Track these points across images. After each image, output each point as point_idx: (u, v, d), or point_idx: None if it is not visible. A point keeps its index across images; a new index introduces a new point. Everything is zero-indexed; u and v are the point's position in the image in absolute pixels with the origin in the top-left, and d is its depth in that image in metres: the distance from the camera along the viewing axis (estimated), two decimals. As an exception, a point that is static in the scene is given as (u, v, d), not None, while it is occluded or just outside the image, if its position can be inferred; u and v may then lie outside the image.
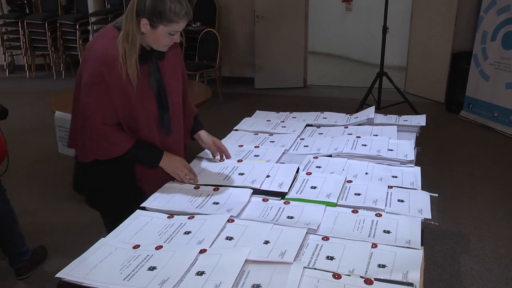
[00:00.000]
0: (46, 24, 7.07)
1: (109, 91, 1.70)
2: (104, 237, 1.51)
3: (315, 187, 1.78)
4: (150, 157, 1.84)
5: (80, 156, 1.84)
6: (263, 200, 1.71)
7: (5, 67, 7.58)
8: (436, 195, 1.70)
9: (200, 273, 1.27)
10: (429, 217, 1.55)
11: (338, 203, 1.66)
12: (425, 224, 1.53)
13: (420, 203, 1.64)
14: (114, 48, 1.68)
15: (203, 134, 2.07)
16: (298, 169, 1.92)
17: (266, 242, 1.41)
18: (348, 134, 2.33)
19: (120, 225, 1.58)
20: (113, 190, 1.91)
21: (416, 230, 1.47)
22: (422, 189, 1.76)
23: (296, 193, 1.75)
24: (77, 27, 6.97)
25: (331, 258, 1.33)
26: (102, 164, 1.81)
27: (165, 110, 1.85)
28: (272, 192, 1.75)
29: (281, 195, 1.73)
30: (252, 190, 1.75)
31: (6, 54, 7.53)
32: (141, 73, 1.73)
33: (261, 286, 1.21)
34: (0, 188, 2.58)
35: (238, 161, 2.04)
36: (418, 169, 1.94)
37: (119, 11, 6.96)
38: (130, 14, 1.66)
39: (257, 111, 2.76)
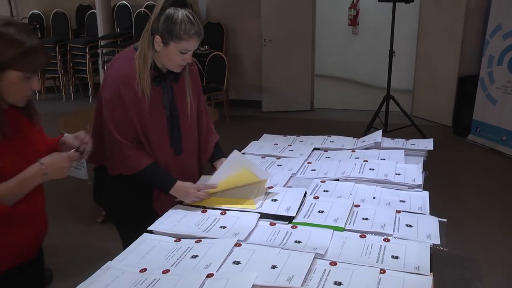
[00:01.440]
0: (57, 48, 7.18)
1: (127, 108, 1.79)
2: (110, 260, 1.51)
3: (322, 211, 1.77)
4: (162, 183, 1.88)
5: (108, 169, 1.91)
6: (271, 224, 1.70)
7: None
8: (445, 220, 1.68)
9: (207, 298, 1.26)
10: (438, 242, 1.53)
11: (346, 228, 1.65)
12: (434, 249, 1.51)
13: (429, 228, 1.63)
14: (132, 67, 1.78)
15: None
16: (305, 193, 1.91)
17: (274, 267, 1.40)
18: (356, 158, 2.33)
19: (127, 248, 1.58)
20: (129, 207, 1.96)
21: (425, 256, 1.45)
22: (430, 214, 1.75)
23: (304, 217, 1.74)
24: (87, 50, 7.08)
25: (339, 284, 1.32)
26: (121, 179, 1.87)
27: (176, 130, 1.91)
28: (279, 216, 1.75)
29: (288, 219, 1.73)
30: (259, 214, 1.75)
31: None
32: (155, 93, 1.83)
33: (268, 312, 1.20)
34: None
35: None
36: (426, 194, 1.93)
37: (128, 35, 7.08)
38: (145, 31, 1.78)
39: (264, 134, 2.77)
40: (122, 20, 7.22)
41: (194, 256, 1.49)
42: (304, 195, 1.90)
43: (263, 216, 1.75)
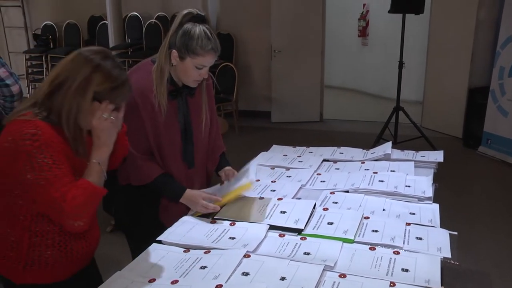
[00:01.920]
0: (68, 58, 7.27)
1: (142, 120, 1.81)
2: (120, 270, 1.51)
3: (332, 223, 1.76)
4: (172, 192, 1.90)
5: (118, 179, 1.92)
6: (280, 235, 1.70)
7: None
8: (456, 233, 1.67)
9: (216, 310, 1.26)
10: (449, 256, 1.52)
11: (355, 240, 1.64)
12: (444, 262, 1.50)
13: (439, 241, 1.61)
14: (149, 80, 1.80)
15: (227, 171, 2.08)
16: (314, 205, 1.91)
17: (283, 279, 1.40)
18: (365, 169, 2.32)
19: (136, 258, 1.59)
20: (139, 216, 1.98)
21: (436, 269, 1.44)
22: (440, 227, 1.74)
23: (313, 229, 1.73)
24: (98, 60, 7.14)
25: (349, 297, 1.31)
26: (131, 189, 1.89)
27: (189, 145, 1.93)
28: (288, 228, 1.74)
29: (297, 231, 1.72)
30: (268, 226, 1.75)
31: (30, 87, 7.73)
32: (170, 107, 1.85)
33: (277, 324, 1.19)
34: None
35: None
36: (436, 206, 1.91)
37: (139, 46, 7.14)
38: (163, 45, 1.79)
39: (274, 145, 2.77)
40: (133, 30, 7.29)
41: (203, 267, 1.49)
42: (314, 207, 1.89)
43: (272, 227, 1.75)
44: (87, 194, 1.41)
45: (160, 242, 1.68)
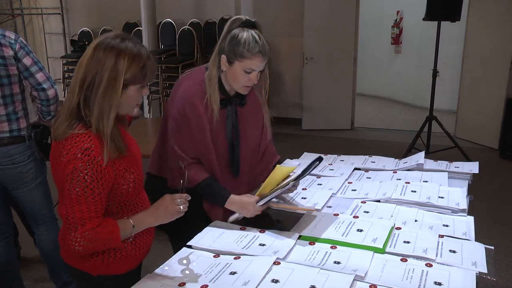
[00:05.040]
0: (103, 63, 7.44)
1: (190, 128, 1.83)
2: (150, 273, 1.53)
3: (361, 230, 1.75)
4: (216, 197, 1.89)
5: (168, 182, 1.94)
6: (310, 243, 1.69)
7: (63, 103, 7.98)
8: (492, 247, 1.62)
9: (245, 316, 1.26)
10: (485, 271, 1.48)
11: (386, 251, 1.62)
12: (480, 277, 1.46)
13: (474, 255, 1.57)
14: (198, 88, 1.82)
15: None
16: (320, 158, 1.86)
17: (313, 287, 1.39)
18: (397, 179, 2.29)
19: (166, 262, 1.60)
20: (181, 220, 1.96)
21: (470, 284, 1.40)
22: (475, 240, 1.69)
23: (342, 236, 1.72)
24: (132, 66, 7.29)
25: (379, 308, 1.30)
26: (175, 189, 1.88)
27: (236, 154, 1.93)
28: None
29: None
30: (298, 235, 1.73)
31: (66, 91, 7.95)
32: (220, 116, 1.85)
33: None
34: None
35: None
36: (471, 219, 1.87)
37: (172, 52, 7.25)
38: (214, 51, 1.81)
39: (305, 153, 2.76)
40: (167, 37, 7.41)
41: (233, 273, 1.49)
42: (319, 160, 1.85)
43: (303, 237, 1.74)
44: (104, 237, 1.43)
45: (190, 247, 1.70)
